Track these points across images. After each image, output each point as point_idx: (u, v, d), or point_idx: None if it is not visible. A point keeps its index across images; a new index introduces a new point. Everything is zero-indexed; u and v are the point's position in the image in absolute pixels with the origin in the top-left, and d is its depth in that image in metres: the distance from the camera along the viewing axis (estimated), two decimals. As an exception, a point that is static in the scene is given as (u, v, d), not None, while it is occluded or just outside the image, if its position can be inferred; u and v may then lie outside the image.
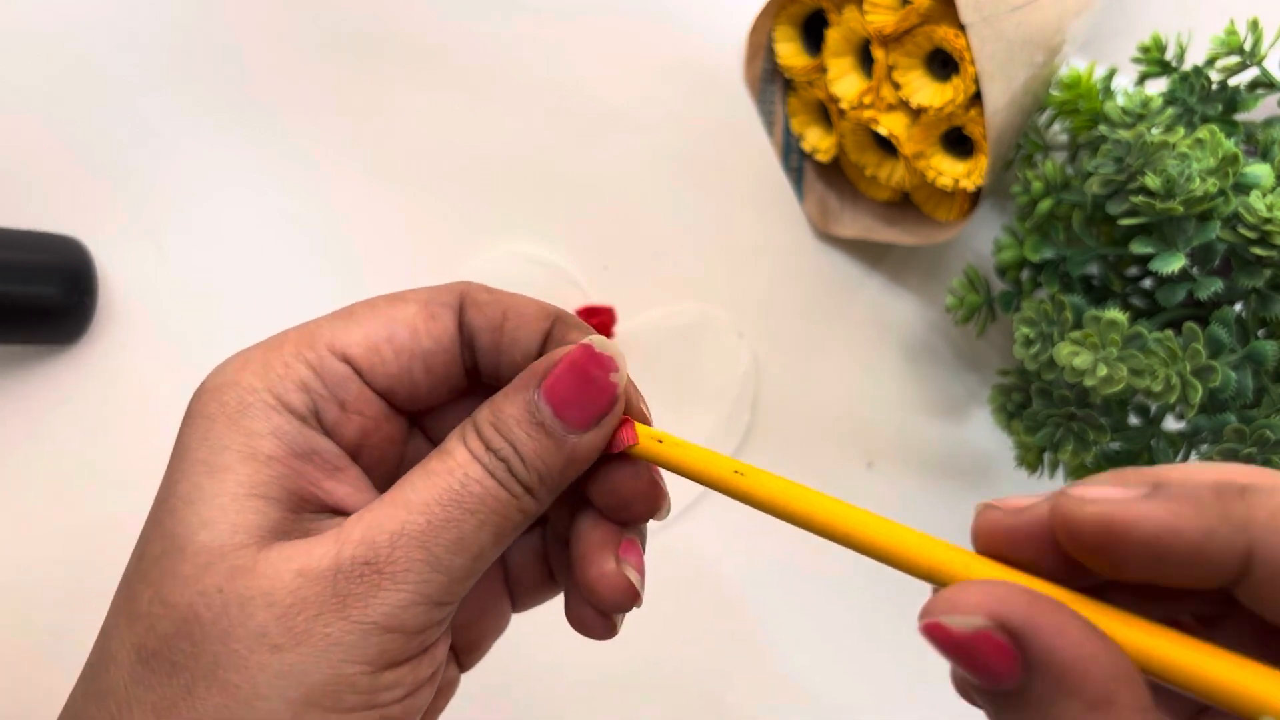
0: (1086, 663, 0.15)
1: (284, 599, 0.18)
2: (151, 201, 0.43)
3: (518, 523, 0.20)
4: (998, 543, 0.18)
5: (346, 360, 0.21)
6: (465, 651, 0.26)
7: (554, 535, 0.26)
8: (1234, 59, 0.35)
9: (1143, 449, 0.36)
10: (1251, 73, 0.36)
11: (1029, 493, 0.18)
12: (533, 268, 0.44)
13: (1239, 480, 0.15)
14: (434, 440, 0.24)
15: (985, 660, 0.15)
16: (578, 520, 0.23)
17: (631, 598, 0.22)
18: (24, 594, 0.40)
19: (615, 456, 0.22)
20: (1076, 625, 0.15)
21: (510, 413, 0.20)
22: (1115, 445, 0.37)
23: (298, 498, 0.20)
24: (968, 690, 0.18)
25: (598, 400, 0.21)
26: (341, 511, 0.21)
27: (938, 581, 0.18)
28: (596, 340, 0.21)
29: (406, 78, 0.45)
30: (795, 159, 0.46)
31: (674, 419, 0.44)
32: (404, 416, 0.23)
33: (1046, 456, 0.38)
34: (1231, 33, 0.35)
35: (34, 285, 0.39)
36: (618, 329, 0.44)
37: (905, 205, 0.45)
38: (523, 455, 0.20)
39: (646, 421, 0.23)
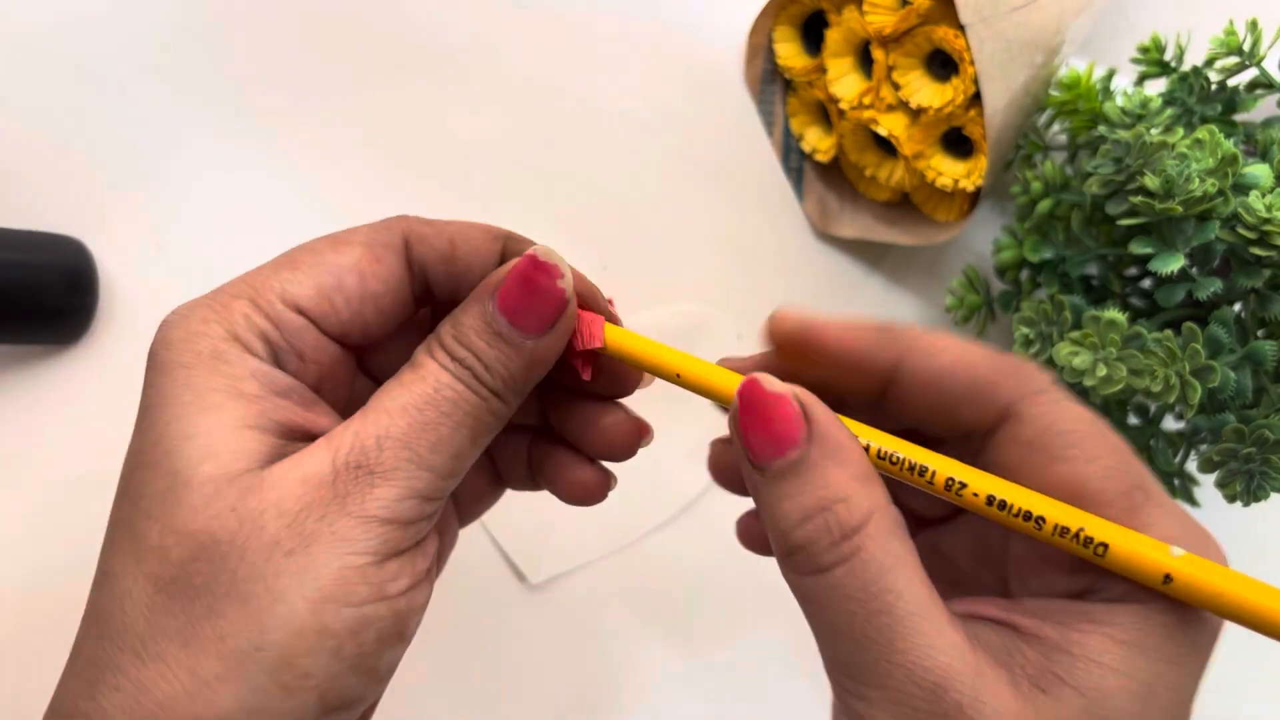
0: (855, 446, 0.20)
1: (292, 506, 0.19)
2: (152, 201, 0.43)
3: (490, 424, 0.22)
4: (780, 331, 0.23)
5: (299, 310, 0.22)
6: (462, 518, 0.28)
7: (501, 441, 0.27)
8: (1233, 59, 0.35)
9: (1142, 449, 0.36)
10: (1250, 73, 0.36)
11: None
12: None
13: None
14: (375, 376, 0.25)
15: (780, 419, 0.20)
16: (560, 402, 0.26)
17: (644, 430, 0.25)
18: (25, 594, 0.40)
19: (583, 377, 0.24)
20: (844, 425, 0.20)
21: (469, 324, 0.22)
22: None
23: (285, 428, 0.21)
24: (728, 477, 0.25)
25: (547, 306, 0.22)
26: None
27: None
28: (540, 249, 0.22)
29: (406, 78, 0.45)
30: (795, 159, 0.46)
31: (671, 420, 0.44)
32: (352, 355, 0.24)
33: (1046, 456, 0.38)
34: (1230, 33, 0.35)
35: (34, 285, 0.39)
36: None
37: (905, 205, 0.45)
38: (485, 362, 0.21)
39: (613, 319, 0.25)
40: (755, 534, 0.26)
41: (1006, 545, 0.22)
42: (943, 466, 0.20)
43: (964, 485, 0.19)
